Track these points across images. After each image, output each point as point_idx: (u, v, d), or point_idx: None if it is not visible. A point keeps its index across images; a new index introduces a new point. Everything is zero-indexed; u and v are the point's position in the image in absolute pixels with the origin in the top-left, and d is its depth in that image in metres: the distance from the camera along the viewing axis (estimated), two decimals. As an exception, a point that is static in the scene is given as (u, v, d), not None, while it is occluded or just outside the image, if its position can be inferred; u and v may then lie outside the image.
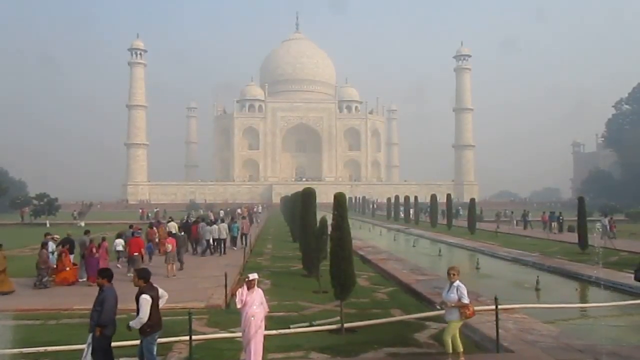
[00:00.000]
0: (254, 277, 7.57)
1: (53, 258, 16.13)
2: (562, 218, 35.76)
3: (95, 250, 16.41)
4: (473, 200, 39.10)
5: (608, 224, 29.60)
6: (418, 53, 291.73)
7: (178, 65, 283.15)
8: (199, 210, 64.92)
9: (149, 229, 23.20)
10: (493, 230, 36.15)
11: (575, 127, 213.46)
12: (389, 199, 63.32)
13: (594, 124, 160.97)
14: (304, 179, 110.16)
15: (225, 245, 23.86)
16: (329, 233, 11.79)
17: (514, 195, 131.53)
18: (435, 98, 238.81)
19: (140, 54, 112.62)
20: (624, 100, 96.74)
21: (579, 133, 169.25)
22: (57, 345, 8.86)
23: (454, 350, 7.83)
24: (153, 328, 6.94)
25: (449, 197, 44.27)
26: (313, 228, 16.64)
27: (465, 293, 7.71)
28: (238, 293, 7.47)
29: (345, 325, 9.99)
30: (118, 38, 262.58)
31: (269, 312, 8.13)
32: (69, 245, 17.02)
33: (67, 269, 15.87)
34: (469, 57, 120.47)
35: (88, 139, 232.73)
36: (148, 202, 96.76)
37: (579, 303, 14.37)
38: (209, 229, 23.38)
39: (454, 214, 45.30)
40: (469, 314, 7.72)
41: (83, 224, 45.85)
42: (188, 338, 8.12)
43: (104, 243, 17.63)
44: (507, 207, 66.80)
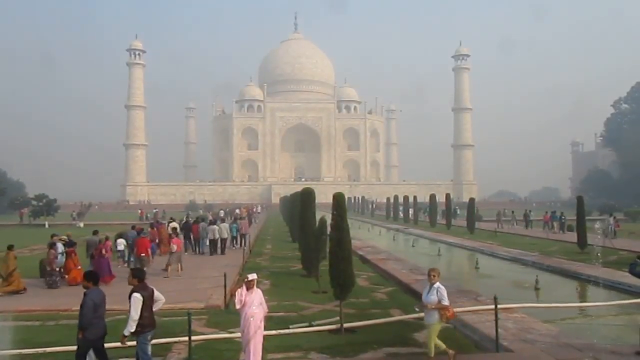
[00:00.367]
0: (253, 277, 7.56)
1: (62, 259, 16.15)
2: (564, 218, 35.58)
3: (105, 251, 16.56)
4: (472, 200, 39.12)
5: (612, 224, 29.60)
6: (417, 53, 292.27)
7: (177, 66, 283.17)
8: (199, 211, 64.92)
9: (150, 230, 23.27)
10: (492, 230, 36.16)
11: (574, 126, 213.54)
12: (388, 199, 63.33)
13: (593, 124, 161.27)
14: (303, 179, 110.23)
15: (226, 245, 24.01)
16: (328, 233, 11.79)
17: (513, 195, 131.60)
18: (435, 98, 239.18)
19: (139, 55, 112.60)
20: (623, 100, 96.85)
21: (578, 132, 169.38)
22: (56, 346, 8.84)
23: (438, 350, 7.69)
24: (144, 327, 6.92)
25: (448, 196, 44.29)
26: (312, 228, 16.64)
27: (445, 295, 7.58)
28: (237, 293, 7.46)
29: (345, 325, 9.99)
30: (117, 38, 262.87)
31: (269, 312, 8.13)
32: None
33: (78, 268, 15.97)
34: (468, 56, 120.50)
35: (87, 140, 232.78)
36: (149, 202, 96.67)
37: (578, 302, 14.38)
38: (212, 229, 23.62)
39: (452, 214, 45.26)
40: (449, 316, 7.59)
41: (82, 225, 45.86)
42: (187, 338, 8.11)
43: (108, 242, 17.69)
44: (506, 206, 66.79)
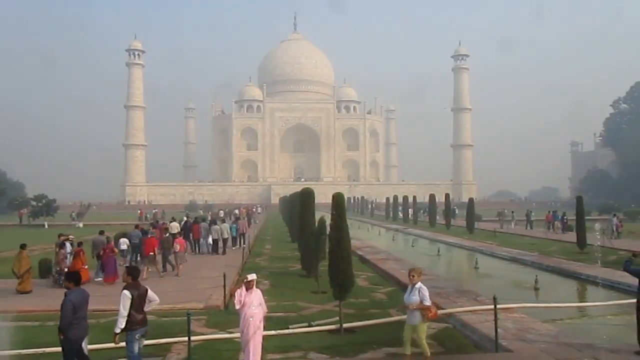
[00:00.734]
0: (253, 277, 7.56)
1: (70, 258, 16.32)
2: (566, 218, 35.46)
3: (112, 251, 16.68)
4: (472, 200, 39.11)
5: (616, 224, 29.55)
6: (416, 53, 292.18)
7: (176, 66, 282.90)
8: (198, 211, 64.94)
9: (152, 230, 23.30)
10: (492, 230, 36.16)
11: (574, 126, 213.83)
12: (388, 199, 63.35)
13: (592, 123, 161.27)
14: (303, 179, 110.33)
15: (226, 245, 24.24)
16: (328, 233, 11.78)
17: (513, 195, 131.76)
18: (434, 98, 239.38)
19: (138, 55, 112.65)
20: (622, 100, 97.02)
21: (577, 132, 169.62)
22: (55, 347, 8.81)
23: (405, 352, 7.65)
24: (132, 325, 6.91)
25: (448, 197, 44.32)
26: (312, 228, 16.63)
27: (427, 295, 7.51)
28: (237, 294, 7.46)
29: (344, 326, 9.99)
30: (116, 38, 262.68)
31: (268, 312, 8.12)
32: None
33: (85, 267, 16.07)
34: (467, 56, 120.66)
35: (86, 140, 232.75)
36: (150, 203, 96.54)
37: (578, 302, 14.39)
38: (215, 229, 23.93)
39: (451, 214, 45.19)
40: (431, 316, 7.53)
41: (81, 225, 45.87)
42: (187, 339, 8.11)
43: (111, 242, 17.79)
44: (506, 206, 66.80)
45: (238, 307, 7.40)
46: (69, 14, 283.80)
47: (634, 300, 8.87)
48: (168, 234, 19.32)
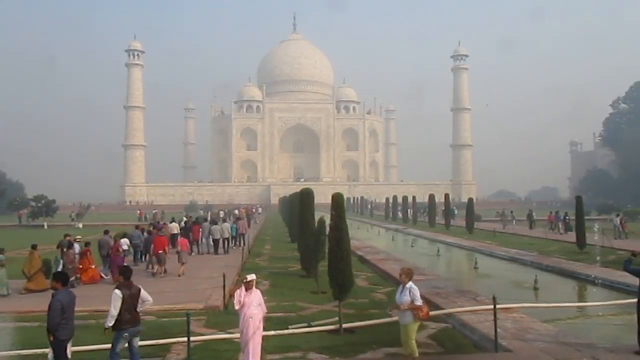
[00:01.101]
0: (252, 278, 7.57)
1: (77, 258, 16.44)
2: (568, 218, 35.30)
3: (121, 250, 16.87)
4: (471, 200, 39.11)
5: (620, 223, 29.47)
6: (416, 53, 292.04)
7: (176, 66, 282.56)
8: (199, 211, 64.93)
9: (152, 230, 23.35)
10: (491, 230, 36.16)
11: (573, 126, 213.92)
12: (387, 199, 63.37)
13: (592, 123, 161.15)
14: (302, 180, 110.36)
15: (228, 245, 24.66)
16: (327, 233, 11.78)
17: (512, 195, 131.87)
18: (433, 98, 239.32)
19: (138, 55, 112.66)
20: (621, 99, 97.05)
21: (577, 132, 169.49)
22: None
23: (410, 355, 7.61)
24: (121, 324, 6.95)
25: (447, 197, 44.34)
26: (311, 228, 16.62)
27: (418, 295, 7.50)
28: (236, 294, 7.47)
29: (344, 326, 9.99)
30: (116, 39, 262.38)
31: (267, 312, 8.13)
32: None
33: (92, 267, 16.25)
34: (467, 56, 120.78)
35: (86, 140, 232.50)
36: (151, 203, 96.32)
37: (577, 302, 14.40)
38: (217, 229, 24.22)
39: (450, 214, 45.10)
40: (422, 316, 7.52)
41: (81, 226, 45.85)
42: (186, 339, 8.12)
43: (118, 242, 17.91)
44: (506, 206, 66.78)
45: (237, 307, 7.41)
46: (69, 14, 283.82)
47: (634, 300, 8.89)
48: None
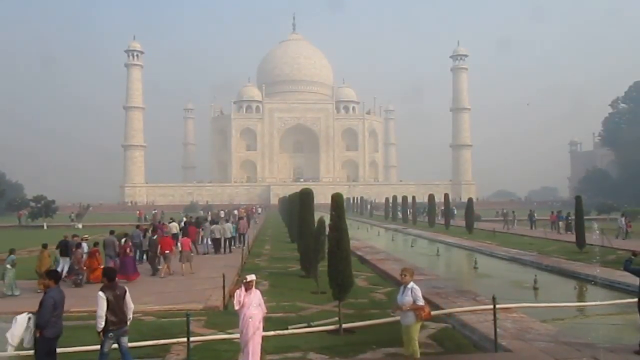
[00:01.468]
0: (252, 278, 7.56)
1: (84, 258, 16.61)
2: (570, 218, 35.22)
3: (130, 250, 17.04)
4: (471, 200, 39.13)
5: (625, 224, 29.42)
6: (415, 53, 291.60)
7: (175, 66, 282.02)
8: (199, 212, 64.92)
9: (158, 230, 23.48)
10: (491, 230, 36.16)
11: (572, 126, 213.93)
12: (387, 199, 63.38)
13: (591, 123, 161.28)
14: (302, 180, 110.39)
15: (230, 244, 25.08)
16: (327, 233, 11.78)
17: (512, 195, 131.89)
18: (433, 98, 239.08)
19: (137, 56, 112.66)
20: (621, 99, 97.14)
21: (576, 132, 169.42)
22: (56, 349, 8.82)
23: (412, 355, 7.57)
24: (106, 325, 6.97)
25: (447, 197, 44.36)
26: (311, 229, 16.63)
27: (420, 295, 7.45)
28: (236, 294, 7.46)
29: (344, 326, 9.99)
30: (115, 39, 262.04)
31: (267, 313, 8.12)
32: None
33: (101, 267, 16.19)
34: (466, 56, 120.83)
35: (85, 141, 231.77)
36: (153, 204, 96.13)
37: (577, 302, 14.40)
38: (218, 228, 24.60)
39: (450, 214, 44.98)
40: (425, 316, 7.49)
41: (81, 226, 45.79)
42: (186, 339, 8.11)
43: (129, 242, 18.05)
44: (506, 206, 66.75)
45: (237, 307, 7.40)
46: (69, 15, 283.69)
47: (634, 300, 8.90)
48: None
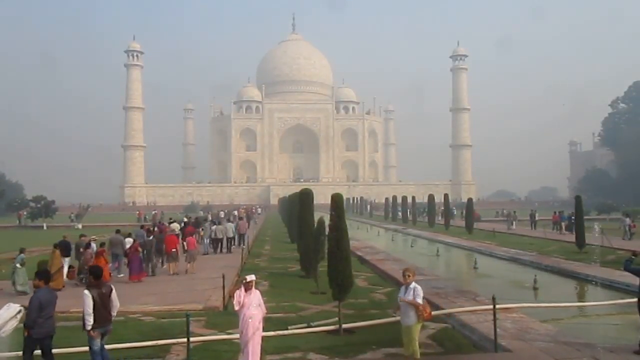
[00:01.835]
0: (252, 278, 7.57)
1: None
2: (573, 218, 35.00)
3: (140, 249, 17.13)
4: (470, 200, 39.13)
5: (629, 224, 29.33)
6: (415, 53, 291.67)
7: (175, 67, 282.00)
8: (199, 212, 64.93)
9: (163, 229, 23.67)
10: (491, 230, 36.14)
11: (572, 126, 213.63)
12: (387, 199, 63.37)
13: (591, 123, 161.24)
14: (302, 180, 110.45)
15: (231, 244, 25.33)
16: (327, 234, 11.78)
17: (512, 195, 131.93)
18: (433, 98, 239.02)
19: (137, 56, 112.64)
20: (620, 99, 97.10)
21: (576, 132, 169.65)
22: (52, 348, 8.81)
23: (412, 355, 7.60)
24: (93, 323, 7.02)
25: (447, 197, 44.36)
26: (311, 229, 16.63)
27: (421, 295, 7.49)
28: (236, 295, 7.47)
29: (344, 326, 9.99)
30: (115, 39, 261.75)
31: (267, 313, 8.13)
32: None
33: (108, 265, 16.52)
34: (466, 57, 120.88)
35: (85, 141, 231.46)
36: (155, 204, 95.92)
37: (577, 302, 14.40)
38: (220, 228, 24.91)
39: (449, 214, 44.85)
40: (426, 316, 7.52)
41: (80, 226, 45.78)
42: (186, 340, 8.11)
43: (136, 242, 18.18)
44: (506, 206, 66.75)
45: (237, 308, 7.40)
46: (68, 15, 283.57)
47: (633, 300, 8.92)
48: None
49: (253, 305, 7.37)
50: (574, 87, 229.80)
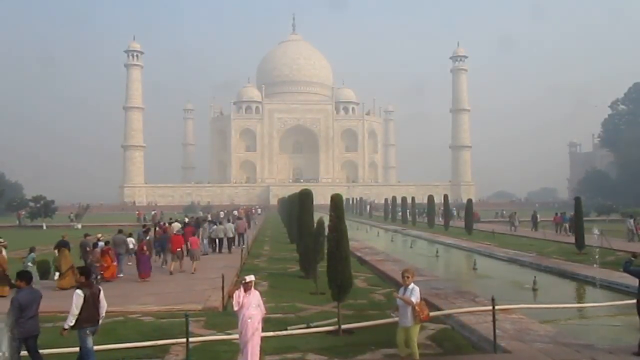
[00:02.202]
0: (251, 279, 7.57)
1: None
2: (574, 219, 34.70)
3: (147, 248, 17.25)
4: (470, 201, 39.14)
5: (633, 225, 29.24)
6: (415, 54, 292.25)
7: (175, 67, 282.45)
8: (198, 212, 64.91)
9: (166, 229, 23.76)
10: (490, 231, 36.13)
11: (572, 127, 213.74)
12: (386, 200, 63.37)
13: (591, 124, 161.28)
14: (302, 180, 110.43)
15: (231, 244, 25.34)
16: (326, 234, 11.78)
17: (511, 196, 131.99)
18: (432, 99, 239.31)
19: (137, 56, 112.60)
20: (620, 101, 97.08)
21: (576, 133, 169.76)
22: (52, 348, 8.82)
23: (410, 355, 7.61)
24: (81, 323, 7.12)
25: (446, 197, 44.37)
26: (310, 229, 16.62)
27: (419, 295, 7.55)
28: (235, 295, 7.47)
29: (343, 327, 9.98)
30: (115, 39, 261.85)
31: (266, 314, 8.13)
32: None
33: (114, 264, 16.83)
34: (466, 57, 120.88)
35: (85, 141, 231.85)
36: (156, 204, 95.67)
37: (576, 303, 14.40)
38: (220, 228, 25.15)
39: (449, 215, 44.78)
40: (423, 318, 7.55)
41: (80, 226, 45.75)
42: (185, 340, 8.11)
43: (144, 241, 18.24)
44: (506, 207, 66.72)
45: (236, 308, 7.40)
46: (68, 15, 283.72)
47: (633, 301, 8.91)
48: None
49: (252, 306, 7.37)
50: (574, 88, 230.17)
